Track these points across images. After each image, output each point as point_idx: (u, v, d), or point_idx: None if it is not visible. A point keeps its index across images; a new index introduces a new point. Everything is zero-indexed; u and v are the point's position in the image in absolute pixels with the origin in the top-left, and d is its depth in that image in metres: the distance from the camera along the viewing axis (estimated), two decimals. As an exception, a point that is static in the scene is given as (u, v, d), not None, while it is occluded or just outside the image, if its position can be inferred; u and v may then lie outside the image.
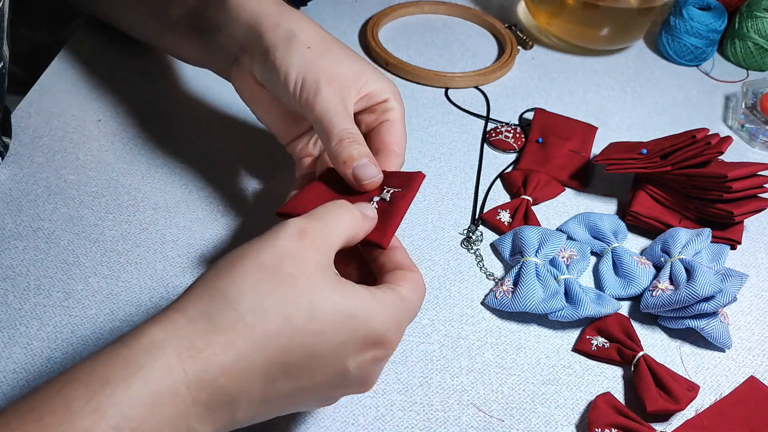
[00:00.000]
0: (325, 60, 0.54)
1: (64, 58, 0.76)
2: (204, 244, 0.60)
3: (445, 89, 0.82)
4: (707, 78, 0.91)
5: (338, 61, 0.55)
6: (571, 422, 0.53)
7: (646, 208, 0.67)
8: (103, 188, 0.63)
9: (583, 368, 0.56)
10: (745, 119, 0.82)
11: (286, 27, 0.56)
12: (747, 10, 0.90)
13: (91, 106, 0.71)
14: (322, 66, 0.54)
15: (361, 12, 0.92)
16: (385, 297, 0.41)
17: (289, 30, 0.55)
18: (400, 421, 0.51)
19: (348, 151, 0.51)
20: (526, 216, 0.67)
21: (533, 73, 0.87)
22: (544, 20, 0.91)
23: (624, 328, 0.57)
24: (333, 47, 0.56)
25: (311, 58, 0.54)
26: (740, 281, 0.61)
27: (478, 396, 0.53)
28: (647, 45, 0.95)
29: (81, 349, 0.52)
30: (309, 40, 0.55)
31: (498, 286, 0.60)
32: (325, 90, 0.53)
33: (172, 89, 0.74)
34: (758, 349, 0.59)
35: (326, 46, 0.56)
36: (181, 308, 0.37)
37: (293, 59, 0.54)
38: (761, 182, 0.65)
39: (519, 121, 0.79)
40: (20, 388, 0.49)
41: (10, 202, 0.61)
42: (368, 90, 0.56)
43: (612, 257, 0.63)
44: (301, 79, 0.53)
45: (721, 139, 0.66)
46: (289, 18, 0.56)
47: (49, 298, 0.55)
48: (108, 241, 0.59)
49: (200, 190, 0.65)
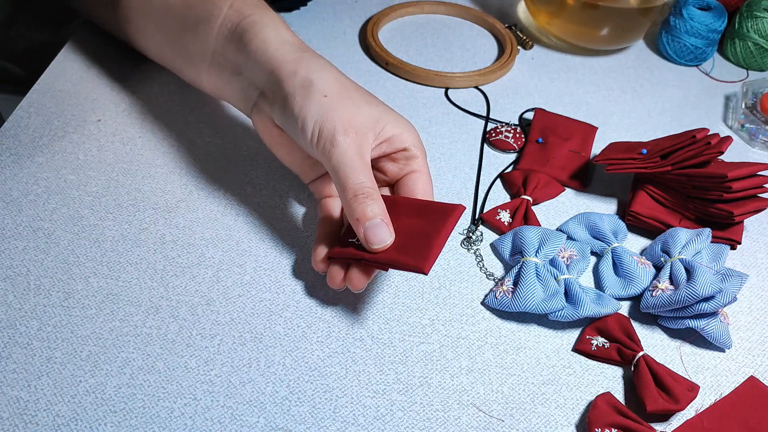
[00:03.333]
0: (341, 108, 0.55)
1: (64, 58, 0.76)
2: (204, 244, 0.60)
3: (445, 89, 0.82)
4: (707, 78, 0.91)
5: (356, 108, 0.55)
6: (571, 422, 0.53)
7: (646, 208, 0.67)
8: (103, 188, 0.63)
9: (583, 368, 0.56)
10: (745, 119, 0.82)
11: (303, 75, 0.56)
12: (747, 10, 0.90)
13: (91, 106, 0.71)
14: (338, 115, 0.54)
15: (361, 12, 0.92)
16: None
17: (306, 78, 0.56)
18: (400, 421, 0.51)
19: (362, 209, 0.52)
20: (526, 216, 0.67)
21: (533, 73, 0.87)
22: (544, 20, 0.91)
23: (624, 328, 0.57)
24: (351, 94, 0.57)
25: (328, 107, 0.54)
26: (740, 281, 0.61)
27: (478, 396, 0.53)
28: (647, 45, 0.95)
29: (81, 349, 0.52)
30: (326, 88, 0.56)
31: (498, 286, 0.60)
32: (341, 140, 0.53)
33: (172, 89, 0.74)
34: (758, 349, 0.59)
35: (344, 93, 0.56)
36: None
37: (310, 108, 0.54)
38: (761, 182, 0.65)
39: (519, 121, 0.79)
40: (20, 388, 0.49)
41: (10, 202, 0.61)
42: (387, 135, 0.56)
43: (612, 257, 0.63)
44: (318, 128, 0.54)
45: (721, 139, 0.66)
46: (307, 65, 0.57)
47: (49, 298, 0.55)
48: (108, 241, 0.59)
49: (200, 190, 0.65)
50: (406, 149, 0.57)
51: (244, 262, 0.60)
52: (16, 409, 0.48)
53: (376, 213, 0.52)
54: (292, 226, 0.63)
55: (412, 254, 0.51)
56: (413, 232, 0.53)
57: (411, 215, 0.54)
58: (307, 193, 0.66)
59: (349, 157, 0.53)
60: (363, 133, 0.55)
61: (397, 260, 0.51)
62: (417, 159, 0.58)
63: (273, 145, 0.61)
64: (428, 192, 0.58)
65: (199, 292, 0.57)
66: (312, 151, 0.55)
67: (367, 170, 0.54)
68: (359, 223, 0.52)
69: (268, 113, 0.58)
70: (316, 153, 0.55)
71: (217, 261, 0.59)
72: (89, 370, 0.51)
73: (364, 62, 0.84)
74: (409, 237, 0.53)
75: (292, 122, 0.55)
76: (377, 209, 0.52)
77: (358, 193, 0.52)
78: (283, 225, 0.63)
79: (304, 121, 0.54)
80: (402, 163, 0.58)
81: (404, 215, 0.54)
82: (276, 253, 0.61)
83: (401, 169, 0.58)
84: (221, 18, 0.61)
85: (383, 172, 0.59)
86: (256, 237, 0.62)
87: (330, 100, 0.55)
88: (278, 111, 0.57)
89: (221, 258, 0.60)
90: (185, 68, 0.67)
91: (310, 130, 0.54)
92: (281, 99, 0.56)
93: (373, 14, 0.90)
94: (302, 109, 0.55)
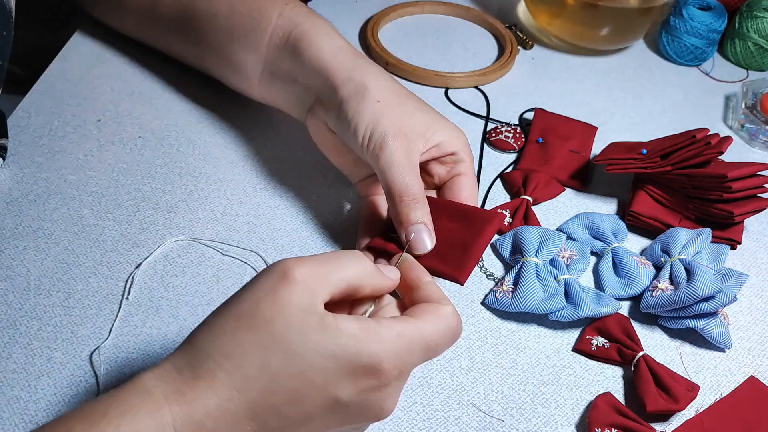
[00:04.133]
0: (394, 113, 0.56)
1: (64, 58, 0.76)
2: (204, 243, 0.60)
3: (445, 89, 0.82)
4: (707, 78, 0.91)
5: (408, 114, 0.57)
6: (571, 422, 0.53)
7: (646, 208, 0.67)
8: (103, 188, 0.63)
9: (583, 368, 0.56)
10: (745, 119, 0.82)
11: (358, 80, 0.58)
12: (747, 10, 0.90)
13: (91, 106, 0.71)
14: (390, 119, 0.55)
15: (361, 12, 0.92)
16: (379, 329, 0.40)
17: (361, 83, 0.57)
18: (400, 421, 0.51)
19: (406, 212, 0.53)
20: (526, 216, 0.67)
21: (533, 73, 0.87)
22: (544, 20, 0.91)
23: (624, 328, 0.57)
24: (404, 101, 0.58)
25: (380, 112, 0.56)
26: (740, 281, 0.61)
27: (478, 396, 0.53)
28: (647, 45, 0.95)
29: (81, 349, 0.52)
30: (380, 93, 0.57)
31: (498, 286, 0.60)
32: (390, 143, 0.54)
33: (172, 89, 0.74)
34: (758, 349, 0.59)
35: (397, 99, 0.58)
36: (171, 359, 0.40)
37: (364, 112, 0.56)
38: (761, 182, 0.65)
39: (519, 121, 0.79)
40: (20, 388, 0.49)
41: (10, 202, 0.61)
42: (437, 141, 0.57)
43: (612, 257, 0.63)
44: (369, 131, 0.55)
45: (721, 139, 0.66)
46: (362, 71, 0.58)
47: (49, 298, 0.55)
48: (108, 241, 0.59)
49: (200, 190, 0.65)
50: (454, 153, 0.58)
51: (245, 262, 0.60)
52: (16, 409, 0.48)
53: (420, 218, 0.53)
54: (293, 227, 0.63)
55: (451, 263, 0.52)
56: (453, 237, 0.53)
57: (452, 219, 0.54)
58: (308, 193, 0.66)
59: (397, 159, 0.54)
60: (413, 138, 0.56)
61: (435, 267, 0.51)
62: (464, 163, 0.59)
63: (325, 148, 0.62)
64: (473, 195, 0.58)
65: (199, 292, 0.57)
66: (362, 153, 0.56)
67: (415, 173, 0.55)
68: (402, 226, 0.53)
69: (322, 118, 0.60)
70: (366, 155, 0.56)
71: (217, 261, 0.59)
72: (89, 370, 0.51)
73: (364, 62, 0.84)
74: (448, 243, 0.53)
75: (345, 126, 0.57)
76: (421, 214, 0.53)
77: (404, 196, 0.53)
78: (283, 225, 0.63)
79: (357, 125, 0.56)
80: (449, 166, 0.59)
81: (446, 218, 0.55)
82: (276, 253, 0.61)
83: (448, 172, 0.59)
84: (271, 28, 0.63)
85: (431, 175, 0.60)
86: (256, 237, 0.62)
87: (383, 105, 0.56)
88: (333, 116, 0.58)
89: (221, 258, 0.60)
90: (233, 78, 0.68)
91: (362, 133, 0.56)
92: (336, 104, 0.58)
93: (373, 14, 0.90)
94: (356, 114, 0.56)
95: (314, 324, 0.39)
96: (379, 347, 0.40)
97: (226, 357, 0.38)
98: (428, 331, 0.42)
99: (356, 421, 0.42)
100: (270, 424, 0.39)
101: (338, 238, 0.63)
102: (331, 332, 0.39)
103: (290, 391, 0.39)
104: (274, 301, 0.39)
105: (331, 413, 0.40)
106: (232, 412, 0.38)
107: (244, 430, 0.38)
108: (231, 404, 0.38)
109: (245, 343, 0.39)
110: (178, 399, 0.38)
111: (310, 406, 0.39)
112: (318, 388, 0.39)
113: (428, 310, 0.43)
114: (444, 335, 0.43)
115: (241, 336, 0.39)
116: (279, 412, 0.39)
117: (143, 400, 0.37)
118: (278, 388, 0.38)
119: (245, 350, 0.39)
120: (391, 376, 0.40)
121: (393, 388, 0.41)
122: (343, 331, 0.39)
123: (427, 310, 0.43)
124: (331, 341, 0.39)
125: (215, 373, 0.38)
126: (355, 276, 0.43)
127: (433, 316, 0.43)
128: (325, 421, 0.40)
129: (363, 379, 0.39)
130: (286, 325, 0.39)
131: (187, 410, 0.37)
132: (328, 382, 0.39)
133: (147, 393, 0.38)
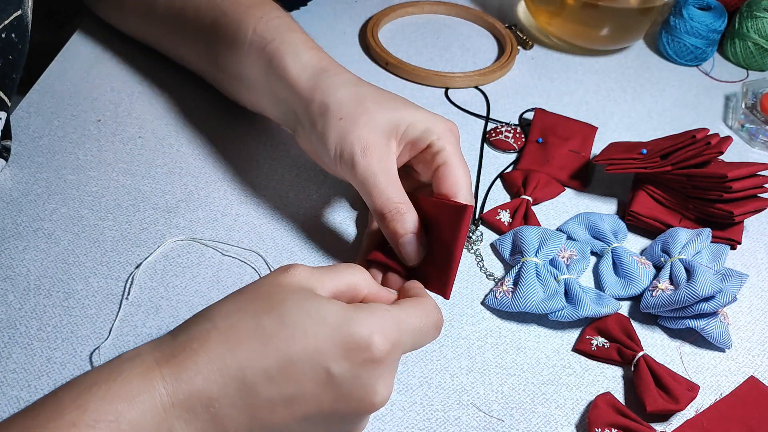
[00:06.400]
0: (357, 126, 0.55)
1: (64, 58, 0.76)
2: (204, 243, 0.60)
3: (445, 89, 0.82)
4: (707, 78, 0.91)
5: (372, 122, 0.56)
6: (571, 422, 0.53)
7: (646, 208, 0.67)
8: (103, 188, 0.63)
9: (583, 368, 0.56)
10: (745, 119, 0.82)
11: (319, 100, 0.57)
12: (747, 10, 0.90)
13: (91, 106, 0.71)
14: (354, 135, 0.55)
15: (361, 12, 0.92)
16: (368, 307, 0.42)
17: (322, 103, 0.57)
18: (400, 421, 0.51)
19: (392, 226, 0.53)
20: (526, 216, 0.67)
21: (533, 73, 0.87)
22: (544, 20, 0.91)
23: (624, 328, 0.57)
24: (367, 107, 0.56)
25: (345, 129, 0.55)
26: (740, 281, 0.61)
27: (478, 396, 0.53)
28: (647, 45, 0.95)
29: (81, 349, 0.52)
30: (341, 109, 0.56)
31: (498, 286, 0.60)
32: (360, 161, 0.54)
33: (172, 89, 0.74)
34: (758, 349, 0.59)
35: (359, 109, 0.56)
36: (171, 331, 0.41)
37: (329, 133, 0.56)
38: (761, 182, 0.65)
39: (519, 121, 0.79)
40: (20, 388, 0.49)
41: (10, 202, 0.61)
42: (409, 138, 0.56)
43: (612, 257, 0.63)
44: (339, 151, 0.55)
45: (721, 139, 0.66)
46: (323, 89, 0.58)
47: (49, 298, 0.55)
48: (108, 241, 0.59)
49: (200, 190, 0.65)
50: (430, 145, 0.56)
51: (245, 262, 0.60)
52: (16, 409, 0.48)
53: (407, 229, 0.53)
54: (293, 227, 0.63)
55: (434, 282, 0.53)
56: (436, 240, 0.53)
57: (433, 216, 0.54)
58: (308, 193, 0.66)
59: (371, 175, 0.54)
60: (383, 146, 0.55)
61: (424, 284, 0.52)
62: (443, 152, 0.55)
63: (318, 161, 0.62)
64: (458, 183, 0.55)
65: (199, 292, 0.57)
66: (339, 173, 0.57)
67: (393, 184, 0.54)
68: (391, 241, 0.54)
69: (305, 135, 0.60)
70: (343, 174, 0.56)
71: (217, 261, 0.59)
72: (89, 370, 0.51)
73: (364, 62, 0.84)
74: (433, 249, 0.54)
75: (320, 146, 0.57)
76: (407, 224, 0.53)
77: (385, 212, 0.53)
78: (283, 225, 0.63)
79: (327, 146, 0.56)
80: (429, 159, 0.57)
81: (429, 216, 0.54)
82: (276, 253, 0.61)
83: (430, 166, 0.57)
84: (247, 44, 0.63)
85: (416, 176, 0.60)
86: (256, 237, 0.62)
87: (345, 122, 0.55)
88: (309, 136, 0.59)
89: (221, 258, 0.60)
90: (230, 86, 0.68)
91: (332, 153, 0.56)
92: (309, 124, 0.58)
93: (373, 14, 0.90)
94: (323, 136, 0.56)
95: (311, 297, 0.42)
96: (370, 320, 0.41)
97: (223, 317, 0.40)
98: (415, 313, 0.44)
99: (349, 405, 0.42)
100: (260, 394, 0.39)
101: (338, 238, 0.63)
102: (325, 303, 0.41)
103: (282, 357, 0.39)
104: (276, 284, 0.42)
105: (324, 389, 0.40)
106: (222, 372, 0.38)
107: (231, 396, 0.39)
108: (221, 363, 0.38)
109: (243, 309, 0.41)
110: (170, 360, 0.38)
111: (300, 376, 0.40)
112: (310, 357, 0.40)
113: (413, 300, 0.46)
114: (429, 318, 0.45)
115: (241, 303, 0.41)
116: (270, 379, 0.39)
117: (135, 367, 0.38)
118: (270, 351, 0.39)
119: (242, 314, 0.40)
120: (383, 350, 0.41)
121: (385, 367, 0.42)
122: (336, 304, 0.42)
123: (412, 300, 0.46)
124: (323, 308, 0.41)
125: (209, 332, 0.39)
126: (353, 278, 0.45)
127: (417, 302, 0.46)
128: (317, 399, 0.40)
129: (354, 352, 0.40)
130: (283, 298, 0.41)
131: (176, 370, 0.38)
132: (319, 350, 0.40)
133: (139, 360, 0.39)
